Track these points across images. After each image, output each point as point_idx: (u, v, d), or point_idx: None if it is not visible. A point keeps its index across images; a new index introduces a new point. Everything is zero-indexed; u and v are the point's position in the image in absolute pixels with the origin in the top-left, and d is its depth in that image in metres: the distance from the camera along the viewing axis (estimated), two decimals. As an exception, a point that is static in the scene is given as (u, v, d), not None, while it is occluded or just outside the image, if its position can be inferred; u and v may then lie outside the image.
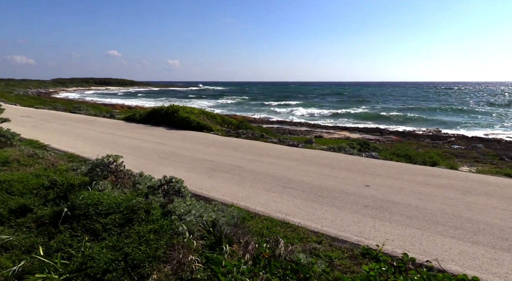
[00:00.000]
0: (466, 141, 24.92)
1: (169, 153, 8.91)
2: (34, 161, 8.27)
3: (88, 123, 15.70)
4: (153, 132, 13.03)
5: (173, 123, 14.37)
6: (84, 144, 10.40)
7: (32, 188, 6.20)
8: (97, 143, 10.52)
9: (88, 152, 9.06)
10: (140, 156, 8.61)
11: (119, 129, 13.60)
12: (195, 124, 13.32)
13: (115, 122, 16.11)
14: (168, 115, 14.66)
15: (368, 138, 27.17)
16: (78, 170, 7.12)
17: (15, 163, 8.15)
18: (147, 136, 11.93)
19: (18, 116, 18.17)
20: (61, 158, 8.67)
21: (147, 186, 5.07)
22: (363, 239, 3.88)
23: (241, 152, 9.10)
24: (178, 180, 4.87)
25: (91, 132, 12.90)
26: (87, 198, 4.87)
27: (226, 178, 6.47)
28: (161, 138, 11.53)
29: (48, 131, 13.04)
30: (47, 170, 7.36)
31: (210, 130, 13.13)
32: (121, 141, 10.81)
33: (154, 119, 15.18)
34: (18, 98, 49.65)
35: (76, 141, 10.77)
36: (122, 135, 12.14)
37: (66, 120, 16.68)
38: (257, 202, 5.15)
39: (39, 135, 11.73)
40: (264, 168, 7.21)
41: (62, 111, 22.38)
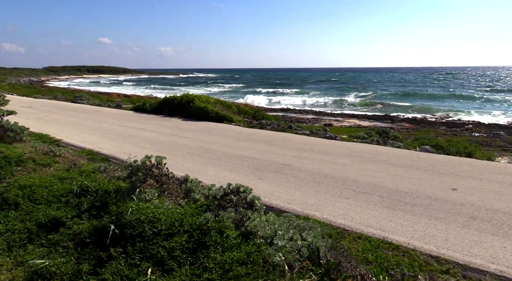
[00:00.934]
0: (485, 129, 24.24)
1: (199, 149, 8.03)
2: (51, 159, 7.34)
3: (95, 114, 14.68)
4: (169, 123, 12.09)
5: (188, 113, 13.42)
6: (100, 138, 9.46)
7: (59, 195, 5.31)
8: (114, 137, 9.58)
9: (108, 148, 8.15)
10: (167, 153, 7.70)
11: (132, 121, 12.64)
12: (214, 114, 12.39)
13: (124, 112, 15.11)
14: (182, 105, 13.70)
15: (381, 126, 26.41)
16: (107, 171, 6.22)
17: (30, 163, 7.22)
18: (164, 128, 11.00)
19: (18, 106, 17.02)
20: (80, 155, 7.74)
21: (208, 195, 4.19)
22: (504, 268, 3.05)
23: (278, 146, 8.24)
24: (246, 188, 4.01)
25: (102, 124, 11.92)
26: (137, 212, 3.98)
27: (280, 180, 5.62)
28: (181, 130, 10.62)
29: (56, 123, 12.04)
30: (71, 171, 6.45)
31: (231, 121, 12.22)
32: (139, 135, 9.88)
33: (167, 109, 14.20)
34: (11, 87, 48.00)
35: (90, 135, 9.82)
36: (138, 127, 11.19)
37: (71, 111, 15.63)
38: (335, 213, 4.31)
39: (47, 128, 10.76)
40: (317, 166, 6.37)
41: (63, 100, 21.24)
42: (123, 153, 7.68)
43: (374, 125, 28.15)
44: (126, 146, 8.39)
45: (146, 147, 8.34)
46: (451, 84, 69.56)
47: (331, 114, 34.07)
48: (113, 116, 13.95)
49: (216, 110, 12.62)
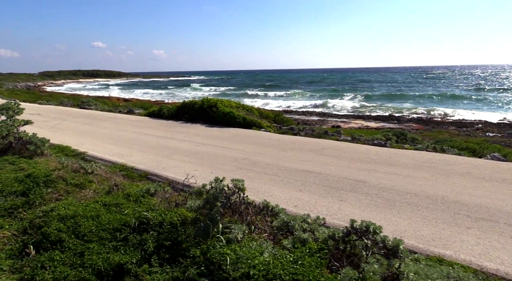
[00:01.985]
0: (497, 128, 23.53)
1: (245, 161, 7.03)
2: (84, 178, 6.25)
3: (110, 121, 13.53)
4: (194, 130, 11.02)
5: (211, 119, 12.36)
6: (127, 149, 8.38)
7: (111, 230, 4.24)
8: (142, 148, 8.51)
9: (143, 162, 7.09)
10: (213, 167, 6.68)
11: (153, 128, 11.54)
12: (241, 120, 11.36)
13: (140, 119, 13.98)
14: (203, 110, 12.62)
15: (390, 127, 25.58)
16: (158, 194, 5.16)
17: (61, 183, 6.12)
18: (192, 136, 9.94)
19: (26, 114, 15.73)
20: (113, 172, 6.66)
21: (322, 238, 3.16)
22: None
23: (331, 156, 7.24)
24: (376, 227, 2.97)
25: (123, 132, 10.81)
26: (240, 261, 2.94)
27: (367, 203, 4.63)
28: (212, 138, 9.57)
29: (72, 132, 10.90)
30: (113, 194, 5.36)
31: (259, 127, 11.20)
32: (168, 145, 8.82)
33: (187, 115, 13.12)
34: (10, 93, 46.29)
35: (115, 146, 8.73)
36: (163, 136, 10.12)
37: (83, 118, 14.45)
38: (471, 251, 3.34)
39: (64, 138, 9.63)
40: (397, 182, 5.42)
41: (70, 106, 19.97)
42: (162, 168, 6.63)
43: (382, 126, 27.30)
44: (161, 160, 7.32)
45: (185, 160, 7.27)
46: (442, 83, 69.07)
47: (336, 115, 33.21)
48: (130, 123, 12.82)
49: (242, 115, 11.58)
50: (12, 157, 7.82)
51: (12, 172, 7.03)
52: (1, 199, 5.96)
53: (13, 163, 7.51)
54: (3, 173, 6.94)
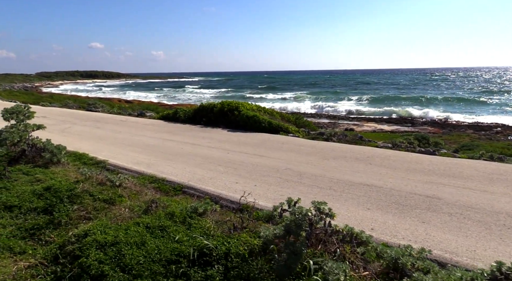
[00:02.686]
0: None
1: (289, 172, 6.40)
2: (113, 192, 5.57)
3: (123, 124, 12.84)
4: (217, 135, 10.34)
5: (232, 123, 11.69)
6: (151, 157, 7.71)
7: (164, 261, 3.58)
8: (168, 155, 7.84)
9: (174, 173, 6.44)
10: (252, 178, 6.05)
11: (172, 133, 10.86)
12: (266, 124, 10.68)
13: (154, 122, 13.30)
14: (224, 113, 11.96)
15: (406, 131, 24.93)
16: (207, 214, 4.48)
17: (88, 198, 5.44)
18: (218, 142, 9.27)
19: (31, 117, 15.04)
20: (143, 184, 5.97)
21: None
22: None
23: (384, 167, 6.58)
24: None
25: (141, 137, 10.12)
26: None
27: (457, 226, 4.04)
28: (240, 145, 8.92)
29: (85, 137, 10.22)
30: (152, 213, 4.66)
31: (287, 132, 10.52)
32: (195, 152, 8.15)
33: (205, 119, 12.43)
34: (8, 94, 45.58)
35: (137, 153, 8.07)
36: (185, 141, 9.45)
37: (93, 121, 13.76)
38: None
39: (78, 144, 8.96)
40: (479, 200, 4.82)
41: (76, 108, 19.27)
42: (198, 180, 5.96)
43: (396, 129, 26.69)
44: (194, 170, 6.64)
45: (219, 170, 6.59)
46: (449, 86, 68.42)
47: (346, 117, 32.59)
48: (146, 127, 12.14)
49: (268, 119, 10.91)
50: (25, 167, 7.14)
51: (28, 184, 6.35)
52: (20, 217, 5.27)
53: (27, 173, 6.83)
54: (18, 185, 6.26)
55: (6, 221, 5.12)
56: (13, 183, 6.33)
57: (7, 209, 5.50)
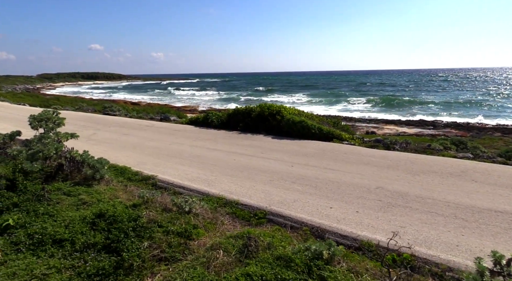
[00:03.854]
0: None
1: (384, 193, 5.40)
2: (186, 222, 4.49)
3: (151, 130, 11.75)
4: (263, 143, 9.25)
5: (274, 128, 10.61)
6: (205, 171, 6.67)
7: None
8: (223, 169, 6.83)
9: (243, 193, 5.44)
10: (344, 201, 5.03)
11: (210, 140, 9.79)
12: (316, 130, 9.57)
13: (184, 128, 12.19)
14: (263, 118, 10.87)
15: (430, 134, 23.86)
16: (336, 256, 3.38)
17: (157, 230, 4.37)
18: (270, 152, 8.26)
19: (47, 121, 13.92)
20: (215, 209, 4.85)
21: None
22: None
23: (498, 186, 5.50)
24: None
25: (178, 146, 9.05)
26: None
27: None
28: (297, 155, 7.94)
29: (116, 146, 9.17)
30: (262, 259, 3.55)
31: (341, 139, 9.42)
32: (252, 164, 7.13)
33: (242, 124, 11.32)
34: (13, 96, 44.45)
35: (187, 167, 7.07)
36: (233, 151, 8.41)
37: (117, 127, 12.65)
38: None
39: (112, 154, 7.94)
40: None
41: (91, 112, 18.14)
42: (280, 204, 4.91)
43: (419, 132, 25.60)
44: (266, 189, 5.57)
45: (297, 189, 5.51)
46: (450, 87, 67.07)
47: (363, 120, 31.46)
48: (177, 133, 11.05)
49: (317, 125, 9.82)
50: (64, 185, 6.04)
51: (73, 208, 5.25)
52: (75, 256, 4.18)
53: (69, 194, 5.72)
54: (63, 209, 5.16)
55: (59, 262, 4.00)
56: (55, 207, 5.23)
57: (57, 244, 4.40)
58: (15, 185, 5.85)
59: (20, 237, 4.47)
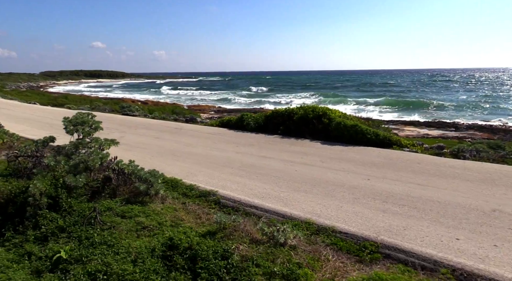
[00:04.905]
0: None
1: (504, 217, 4.28)
2: (288, 260, 3.58)
3: (184, 134, 10.83)
4: (316, 150, 8.34)
5: (320, 133, 9.68)
6: (271, 185, 5.80)
7: None
8: (290, 183, 5.95)
9: (333, 216, 4.63)
10: (463, 228, 4.10)
11: (255, 146, 8.91)
12: (372, 136, 8.61)
13: (219, 131, 11.26)
14: (307, 121, 9.91)
15: (455, 136, 22.88)
16: None
17: (255, 272, 3.44)
18: (330, 161, 7.37)
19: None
20: (310, 240, 3.89)
21: None
22: None
23: None
24: None
25: (222, 152, 8.15)
26: None
27: None
28: (363, 165, 7.08)
29: (153, 152, 8.35)
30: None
31: (400, 146, 8.46)
32: (322, 177, 6.27)
33: (282, 127, 10.36)
34: (19, 94, 43.62)
35: (246, 179, 6.23)
36: (285, 159, 7.56)
37: (143, 129, 11.72)
38: None
39: (152, 162, 7.03)
40: None
41: (108, 112, 17.19)
42: (388, 232, 4.07)
43: (442, 134, 24.55)
44: (358, 210, 4.67)
45: (395, 211, 4.60)
46: (457, 88, 65.55)
47: (381, 121, 30.31)
48: (213, 137, 10.13)
49: (373, 129, 8.88)
50: (114, 203, 5.10)
51: (133, 236, 4.33)
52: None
53: (123, 215, 4.79)
54: (121, 237, 4.24)
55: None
56: (112, 233, 4.27)
57: (127, 288, 3.44)
58: (58, 204, 4.93)
59: (79, 277, 3.53)
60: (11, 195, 5.10)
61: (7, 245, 4.38)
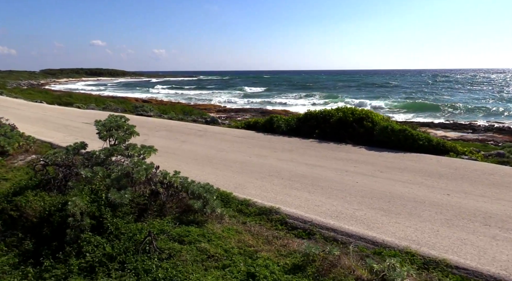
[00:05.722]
0: None
1: None
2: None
3: (210, 137, 10.06)
4: (365, 157, 7.59)
5: (361, 137, 8.92)
6: (339, 202, 5.04)
7: None
8: (363, 199, 5.22)
9: (438, 246, 3.88)
10: None
11: (293, 152, 8.17)
12: (425, 141, 7.85)
13: (247, 134, 10.50)
14: (346, 124, 9.14)
15: (476, 138, 22.13)
16: None
17: None
18: (387, 170, 6.65)
19: (79, 123, 12.25)
20: (420, 277, 3.10)
21: None
22: None
23: None
24: None
25: (263, 159, 7.40)
26: None
27: None
28: (431, 176, 6.31)
29: (185, 158, 7.77)
30: None
31: (457, 153, 7.69)
32: (390, 190, 5.52)
33: (318, 130, 9.59)
34: (21, 92, 42.71)
35: (306, 193, 5.47)
36: (334, 167, 6.79)
37: (164, 131, 10.98)
38: None
39: (185, 169, 6.31)
40: None
41: (121, 112, 16.40)
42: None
43: (461, 136, 23.72)
44: (461, 236, 3.99)
45: (507, 238, 3.76)
46: (462, 89, 64.43)
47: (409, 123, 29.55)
48: (246, 141, 9.40)
49: (424, 135, 8.11)
50: (166, 223, 4.30)
51: (199, 268, 3.55)
52: None
53: (180, 240, 4.03)
54: (187, 270, 3.46)
55: None
56: (175, 265, 3.50)
57: None
58: (102, 225, 4.15)
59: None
60: (45, 213, 4.32)
61: (47, 277, 3.60)
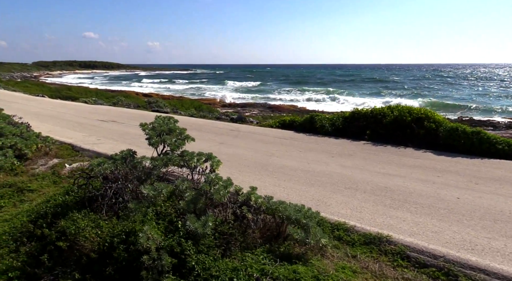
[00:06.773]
0: None
1: None
2: None
3: (248, 138, 9.14)
4: (441, 164, 6.73)
5: (421, 139, 7.98)
6: (459, 227, 4.20)
7: None
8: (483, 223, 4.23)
9: None
10: None
11: (352, 156, 7.30)
12: (505, 146, 6.97)
13: (287, 134, 9.56)
14: (403, 125, 8.20)
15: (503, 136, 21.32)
16: None
17: None
18: (481, 181, 5.75)
19: (94, 120, 11.20)
20: None
21: None
22: None
23: None
24: None
25: (324, 166, 6.48)
26: None
27: None
28: None
29: (237, 165, 6.76)
30: None
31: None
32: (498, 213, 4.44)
33: (369, 131, 8.65)
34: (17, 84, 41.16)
35: (403, 213, 4.52)
36: (417, 177, 5.93)
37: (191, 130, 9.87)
38: None
39: (240, 179, 5.29)
40: None
41: (134, 107, 15.34)
42: None
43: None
44: None
45: None
46: (464, 83, 63.44)
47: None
48: (290, 143, 8.49)
49: (503, 138, 7.21)
50: (260, 259, 3.35)
51: None
52: None
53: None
54: None
55: None
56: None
57: None
58: (185, 265, 3.17)
59: None
60: (105, 246, 3.35)
61: None
